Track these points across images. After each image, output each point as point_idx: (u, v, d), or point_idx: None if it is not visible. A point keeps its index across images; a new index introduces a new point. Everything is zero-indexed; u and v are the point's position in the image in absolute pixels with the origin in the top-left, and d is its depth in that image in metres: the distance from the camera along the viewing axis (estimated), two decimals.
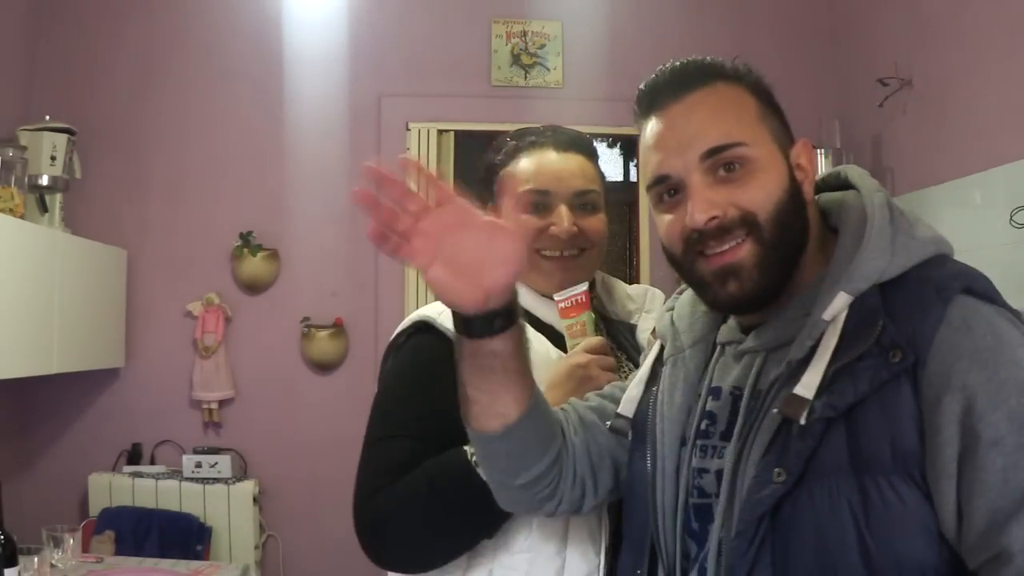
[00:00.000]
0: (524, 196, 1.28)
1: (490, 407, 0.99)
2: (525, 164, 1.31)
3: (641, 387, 1.07)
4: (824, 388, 0.84)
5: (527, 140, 1.34)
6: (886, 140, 3.01)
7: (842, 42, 3.29)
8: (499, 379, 0.96)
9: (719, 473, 0.92)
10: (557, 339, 1.30)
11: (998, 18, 2.41)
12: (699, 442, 0.97)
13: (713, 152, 0.92)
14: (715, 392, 0.98)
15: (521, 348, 0.97)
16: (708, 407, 0.98)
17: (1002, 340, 0.82)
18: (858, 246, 0.90)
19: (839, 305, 0.87)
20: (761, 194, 0.91)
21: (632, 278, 3.54)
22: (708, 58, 0.98)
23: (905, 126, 2.87)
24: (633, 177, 3.84)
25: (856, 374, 0.83)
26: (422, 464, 1.16)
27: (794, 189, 0.93)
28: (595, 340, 1.25)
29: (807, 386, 0.85)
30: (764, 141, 0.93)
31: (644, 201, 3.48)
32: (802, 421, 0.84)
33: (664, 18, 3.42)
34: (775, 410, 0.87)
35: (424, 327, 1.27)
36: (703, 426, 0.97)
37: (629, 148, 3.96)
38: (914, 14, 2.84)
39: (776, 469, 0.85)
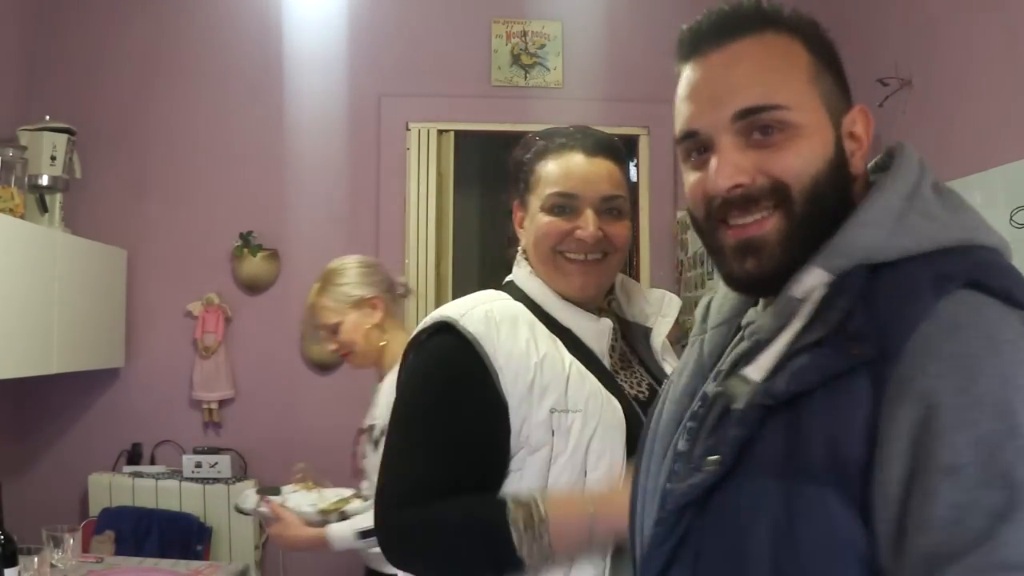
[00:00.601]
0: (551, 199, 1.30)
1: None
2: (553, 167, 1.31)
3: None
4: (775, 373, 0.75)
5: (556, 142, 1.33)
6: (886, 140, 3.00)
7: (842, 42, 3.28)
8: None
9: None
10: (574, 343, 1.29)
11: (998, 18, 2.41)
12: (689, 424, 0.89)
13: (748, 112, 0.80)
14: (719, 374, 0.91)
15: None
16: (708, 389, 0.91)
17: (996, 349, 0.67)
18: None
19: (810, 282, 0.78)
20: (798, 162, 0.79)
21: (632, 278, 3.53)
22: (764, 2, 0.86)
23: (905, 126, 2.87)
24: (633, 177, 3.84)
25: (806, 362, 0.73)
26: (462, 500, 1.20)
27: (839, 161, 0.81)
28: None
29: (759, 368, 0.77)
30: (811, 105, 0.81)
31: (645, 201, 3.48)
32: (738, 405, 0.76)
33: (664, 18, 3.41)
34: (718, 389, 0.82)
35: (445, 327, 1.27)
36: (698, 408, 0.89)
37: (629, 148, 3.96)
38: (914, 14, 2.84)
39: (712, 456, 0.77)
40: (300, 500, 2.14)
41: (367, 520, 1.98)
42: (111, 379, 3.23)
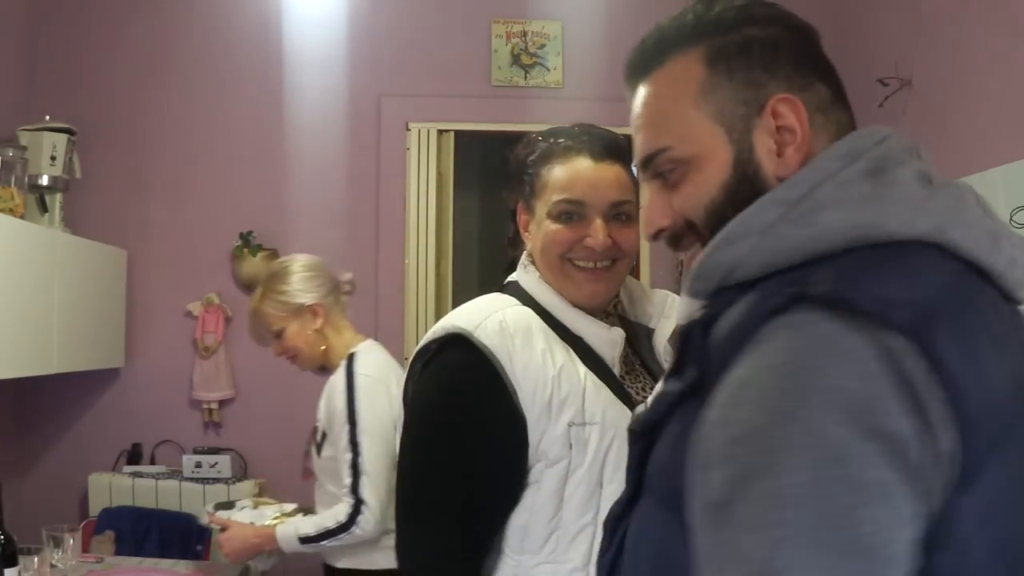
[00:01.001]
0: (558, 206, 1.27)
1: None
2: (560, 172, 1.27)
3: None
4: None
5: (561, 144, 1.29)
6: None
7: (842, 42, 3.29)
8: None
9: None
10: (585, 351, 1.28)
11: (998, 18, 2.41)
12: None
13: (645, 164, 0.82)
14: None
15: None
16: None
17: (780, 378, 0.59)
18: None
19: (683, 309, 0.75)
20: (691, 197, 0.78)
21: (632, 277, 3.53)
22: (682, 16, 0.82)
23: (905, 126, 2.87)
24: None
25: (663, 389, 0.74)
26: None
27: (742, 175, 0.75)
28: None
29: (652, 394, 0.79)
30: (698, 130, 0.77)
31: (644, 201, 3.49)
32: (626, 429, 0.80)
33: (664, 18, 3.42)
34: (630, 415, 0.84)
35: (458, 339, 1.23)
36: None
37: (629, 149, 3.97)
38: (914, 14, 2.84)
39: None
40: (240, 519, 2.20)
41: (307, 525, 2.02)
42: (111, 379, 3.23)
